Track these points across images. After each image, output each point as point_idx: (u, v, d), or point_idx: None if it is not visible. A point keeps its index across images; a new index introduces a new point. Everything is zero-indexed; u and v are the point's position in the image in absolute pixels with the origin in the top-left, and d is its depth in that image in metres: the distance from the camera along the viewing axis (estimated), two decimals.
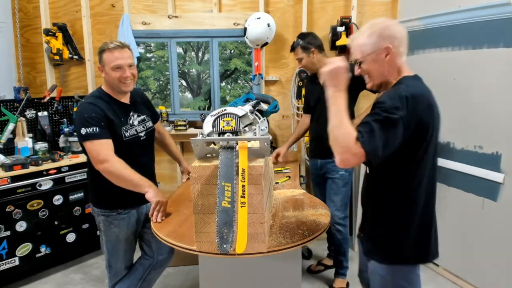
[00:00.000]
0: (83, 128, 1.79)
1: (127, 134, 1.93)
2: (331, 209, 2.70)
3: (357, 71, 1.47)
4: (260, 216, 1.39)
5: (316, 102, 2.75)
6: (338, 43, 3.09)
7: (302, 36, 2.68)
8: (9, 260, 2.68)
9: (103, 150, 1.79)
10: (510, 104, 2.30)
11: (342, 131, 1.25)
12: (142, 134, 2.01)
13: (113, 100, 1.93)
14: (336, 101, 1.31)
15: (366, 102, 3.01)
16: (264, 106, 1.92)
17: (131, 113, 1.99)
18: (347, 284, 2.80)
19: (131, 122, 1.97)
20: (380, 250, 1.45)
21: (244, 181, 1.34)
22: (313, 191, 2.96)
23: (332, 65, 1.33)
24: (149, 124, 2.09)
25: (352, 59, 1.47)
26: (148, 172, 2.05)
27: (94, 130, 1.78)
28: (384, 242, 1.44)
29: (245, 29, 3.22)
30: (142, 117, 2.05)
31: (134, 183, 1.82)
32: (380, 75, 1.43)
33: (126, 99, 1.99)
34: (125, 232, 2.00)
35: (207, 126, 1.54)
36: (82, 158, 3.05)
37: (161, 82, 3.42)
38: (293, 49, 2.69)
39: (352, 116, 2.69)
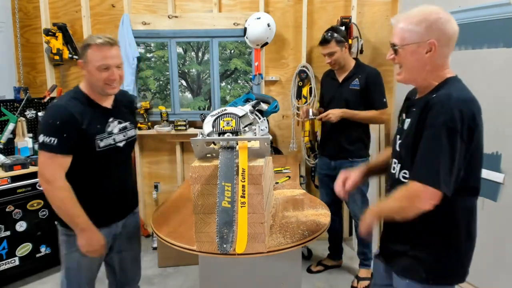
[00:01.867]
0: (41, 135, 1.54)
1: (101, 144, 1.65)
2: (354, 208, 2.74)
3: (389, 56, 1.31)
4: (260, 216, 1.39)
5: (330, 99, 2.72)
6: None
7: (335, 29, 2.61)
8: (9, 260, 2.68)
9: (51, 169, 1.55)
10: (510, 104, 2.30)
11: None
12: (121, 145, 1.73)
13: (91, 103, 1.66)
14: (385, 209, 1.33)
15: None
16: (264, 106, 1.92)
17: (111, 120, 1.70)
18: (372, 274, 2.82)
19: (109, 129, 1.69)
20: (426, 268, 1.29)
21: (244, 181, 1.34)
22: (319, 191, 2.95)
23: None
24: (131, 132, 1.81)
25: (391, 41, 1.30)
26: (125, 185, 1.83)
27: (52, 141, 1.53)
28: (431, 260, 1.29)
29: (245, 29, 3.22)
30: (123, 124, 1.76)
31: (70, 218, 1.59)
32: (413, 71, 1.27)
33: (107, 103, 1.72)
34: (88, 258, 1.68)
35: (207, 126, 1.54)
36: None
37: (161, 82, 3.42)
38: (326, 41, 2.56)
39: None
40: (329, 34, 2.58)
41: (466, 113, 1.16)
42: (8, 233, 2.66)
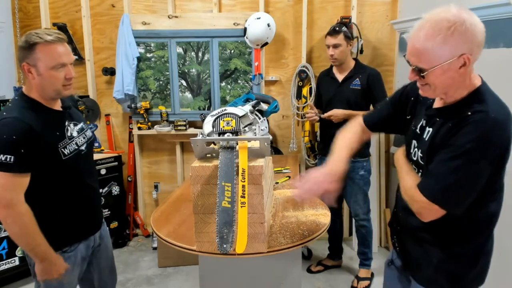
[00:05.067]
0: None
1: (66, 152, 1.51)
2: (355, 208, 2.75)
3: (413, 77, 1.14)
4: (260, 216, 1.39)
5: (330, 99, 2.71)
6: None
7: (344, 24, 2.65)
8: (9, 260, 2.68)
9: (10, 191, 1.37)
10: (510, 105, 2.30)
11: None
12: (83, 148, 1.60)
13: (44, 109, 1.49)
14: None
15: None
16: (264, 106, 1.92)
17: (67, 123, 1.57)
18: (372, 274, 2.83)
19: (69, 134, 1.55)
20: (451, 279, 1.26)
21: (244, 181, 1.33)
22: None
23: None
24: (89, 133, 1.69)
25: (410, 62, 1.13)
26: (96, 193, 1.73)
27: (8, 159, 1.35)
28: (458, 270, 1.26)
29: (245, 29, 3.22)
30: (79, 125, 1.63)
31: (30, 248, 1.44)
32: (446, 88, 1.12)
33: (57, 106, 1.56)
34: (70, 275, 1.58)
35: (207, 126, 1.54)
36: None
37: (161, 82, 3.42)
38: (336, 32, 2.56)
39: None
40: (340, 26, 2.61)
41: (503, 140, 1.10)
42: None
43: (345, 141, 1.48)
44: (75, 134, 1.58)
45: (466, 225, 1.22)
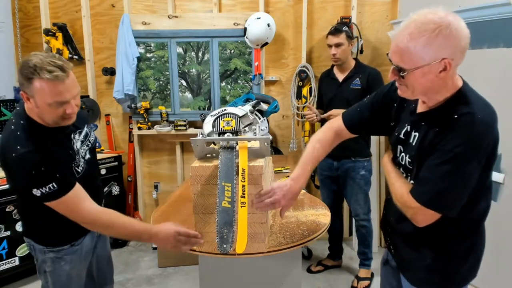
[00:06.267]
0: (35, 190, 1.32)
1: (79, 169, 1.51)
2: (356, 208, 2.75)
3: (393, 77, 1.13)
4: (260, 216, 1.39)
5: (331, 100, 2.72)
6: None
7: (346, 24, 2.67)
8: (9, 260, 2.68)
9: (76, 210, 1.39)
10: (510, 104, 2.30)
11: None
12: (88, 155, 1.58)
13: (51, 131, 1.42)
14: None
15: None
16: (264, 106, 1.92)
17: (72, 136, 1.51)
18: (372, 274, 2.83)
19: (76, 148, 1.51)
20: (447, 278, 1.27)
21: (244, 181, 1.34)
22: (320, 192, 2.95)
23: None
24: (92, 137, 1.63)
25: (392, 60, 1.11)
26: (101, 191, 1.80)
27: (52, 187, 1.33)
28: (453, 269, 1.26)
29: (245, 29, 3.22)
30: (84, 132, 1.57)
31: (136, 239, 1.58)
32: (424, 90, 1.12)
33: None
34: (77, 267, 1.61)
35: (207, 126, 1.54)
36: None
37: (161, 82, 3.42)
38: (338, 31, 2.57)
39: None
40: (341, 25, 2.62)
41: (490, 140, 1.11)
42: (8, 233, 2.66)
43: (314, 154, 1.44)
44: (79, 145, 1.55)
45: (458, 225, 1.21)
